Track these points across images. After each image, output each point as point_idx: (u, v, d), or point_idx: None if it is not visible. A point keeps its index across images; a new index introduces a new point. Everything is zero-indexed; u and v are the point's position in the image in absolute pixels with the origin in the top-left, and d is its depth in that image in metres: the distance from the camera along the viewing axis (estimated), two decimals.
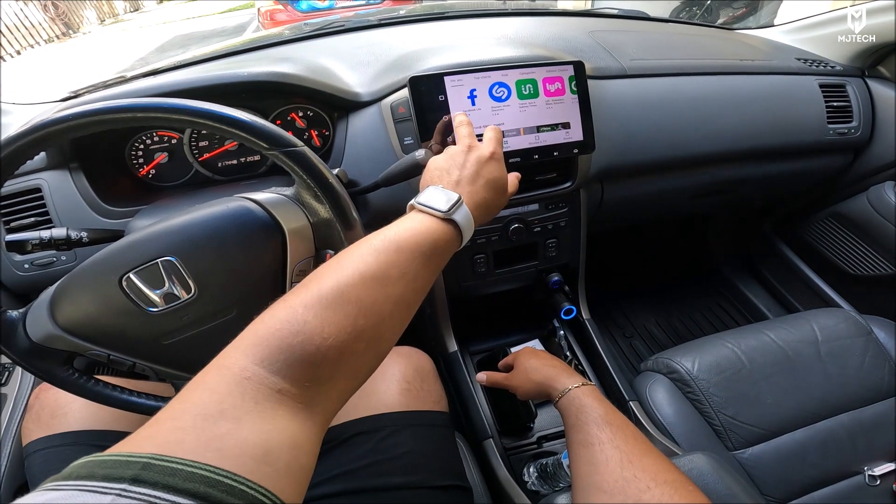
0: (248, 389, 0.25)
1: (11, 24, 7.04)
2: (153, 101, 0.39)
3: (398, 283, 0.34)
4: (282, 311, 0.30)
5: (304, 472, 0.26)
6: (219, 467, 0.21)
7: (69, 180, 0.65)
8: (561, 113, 0.68)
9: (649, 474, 0.39)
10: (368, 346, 0.32)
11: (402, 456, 0.52)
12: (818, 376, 0.72)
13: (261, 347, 0.28)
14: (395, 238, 0.36)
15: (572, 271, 0.88)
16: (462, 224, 0.40)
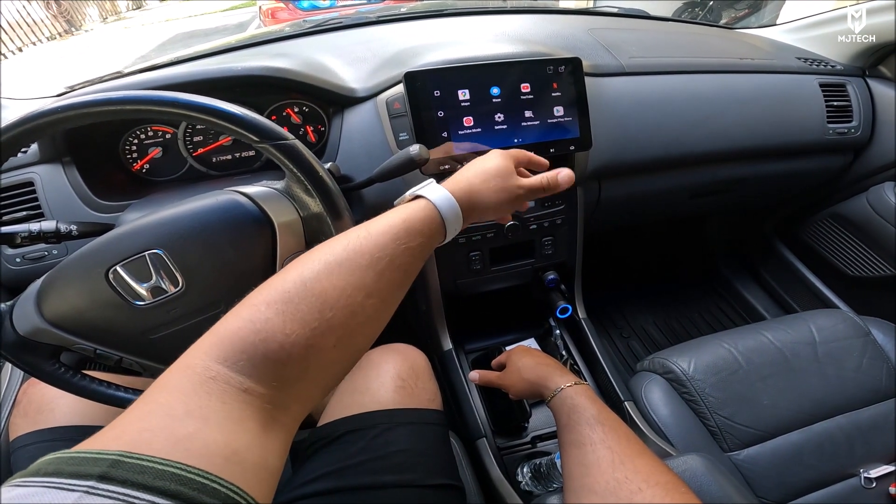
0: (213, 389, 0.25)
1: (13, 21, 7.05)
2: (143, 94, 0.39)
3: (369, 270, 0.32)
4: (244, 309, 0.29)
5: (272, 474, 0.25)
6: (189, 465, 0.20)
7: (62, 174, 0.64)
8: (558, 110, 0.68)
9: (641, 476, 0.39)
10: (340, 342, 0.30)
11: (395, 454, 0.51)
12: (815, 377, 0.71)
13: (223, 347, 0.27)
14: (366, 225, 0.34)
15: (569, 270, 0.87)
16: (439, 203, 0.39)
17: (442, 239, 0.40)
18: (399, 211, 0.37)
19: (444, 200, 0.39)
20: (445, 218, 0.39)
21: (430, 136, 0.64)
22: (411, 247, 0.35)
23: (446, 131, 0.65)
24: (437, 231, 0.39)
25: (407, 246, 0.34)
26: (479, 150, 0.65)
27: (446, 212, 0.39)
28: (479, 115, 0.65)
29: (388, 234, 0.34)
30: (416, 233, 0.36)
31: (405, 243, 0.34)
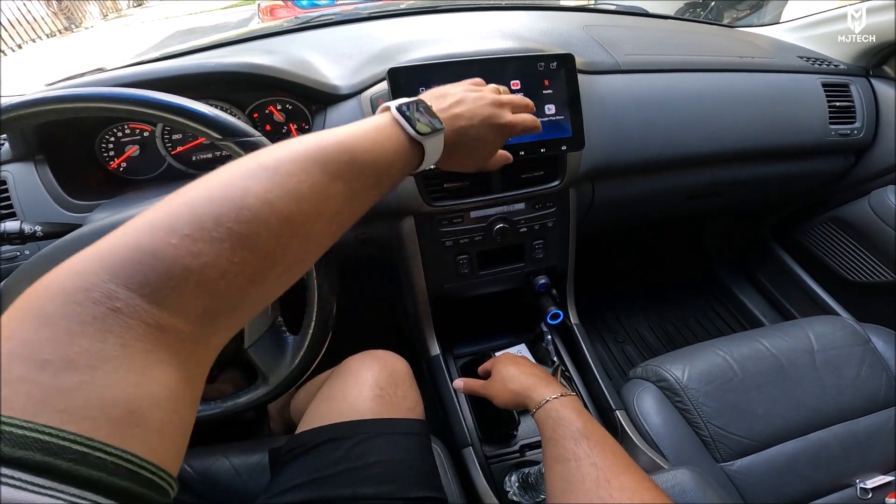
0: (114, 326, 0.19)
1: (14, 18, 7.05)
2: (96, 91, 0.37)
3: (341, 198, 0.28)
4: (184, 216, 0.22)
5: (182, 427, 0.21)
6: (63, 429, 0.16)
7: (34, 173, 0.62)
8: (549, 108, 0.66)
9: (626, 494, 0.37)
10: (287, 270, 0.26)
11: (373, 465, 0.50)
12: (812, 386, 0.69)
13: (142, 267, 0.20)
14: (352, 145, 0.30)
15: (560, 274, 0.85)
16: (429, 150, 0.36)
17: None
18: (394, 141, 0.33)
19: (435, 151, 0.37)
20: (424, 162, 0.37)
21: None
22: (386, 184, 0.33)
23: None
24: (414, 169, 0.37)
25: (383, 183, 0.33)
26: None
27: (429, 159, 0.37)
28: None
29: (373, 168, 0.31)
30: (396, 173, 0.34)
31: (383, 181, 0.32)
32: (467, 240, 0.74)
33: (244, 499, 0.57)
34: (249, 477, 0.59)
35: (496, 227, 0.72)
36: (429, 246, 0.74)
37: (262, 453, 0.60)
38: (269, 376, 0.48)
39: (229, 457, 0.60)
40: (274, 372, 0.48)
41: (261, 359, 0.48)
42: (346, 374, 0.58)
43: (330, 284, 0.44)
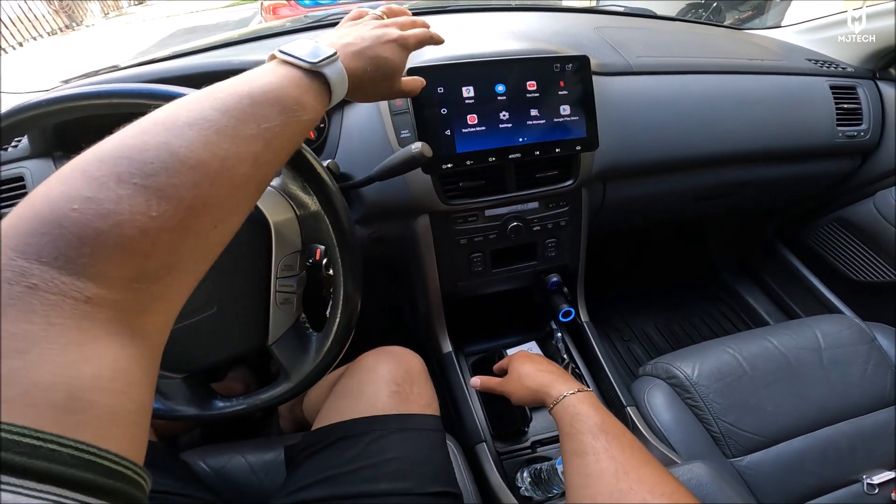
0: (35, 305, 0.17)
1: (14, 16, 7.02)
2: (131, 87, 0.37)
3: (257, 140, 0.26)
4: (78, 182, 0.20)
5: (138, 411, 0.19)
6: (9, 423, 0.15)
7: (52, 169, 0.63)
8: (564, 109, 0.67)
9: (646, 487, 0.38)
10: (221, 221, 0.25)
11: (390, 461, 0.50)
12: (820, 384, 0.70)
13: (48, 238, 0.18)
14: (249, 88, 0.28)
15: (571, 273, 0.86)
16: (332, 78, 0.34)
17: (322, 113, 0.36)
18: (291, 78, 0.31)
19: (340, 82, 0.35)
20: (333, 97, 0.35)
21: (432, 134, 0.63)
22: (304, 120, 0.31)
23: (449, 129, 0.63)
24: (325, 106, 0.35)
25: (299, 119, 0.30)
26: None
27: (337, 92, 0.35)
28: (484, 113, 0.64)
29: (280, 105, 0.29)
30: (309, 108, 0.31)
31: (298, 116, 0.30)
32: (481, 238, 0.75)
33: (260, 496, 0.57)
34: (265, 475, 0.59)
35: (510, 225, 0.73)
36: (443, 244, 0.74)
37: (276, 451, 0.60)
38: (292, 373, 0.48)
39: (244, 454, 0.61)
40: (297, 369, 0.48)
41: (284, 355, 0.48)
42: (362, 371, 0.59)
43: (355, 281, 0.44)
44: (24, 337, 0.17)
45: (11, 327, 0.17)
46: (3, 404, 0.15)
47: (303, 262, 0.48)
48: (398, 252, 0.78)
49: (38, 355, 0.17)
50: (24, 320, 0.17)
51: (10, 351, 0.16)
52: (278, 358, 0.48)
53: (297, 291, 0.48)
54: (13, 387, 0.16)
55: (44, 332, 0.17)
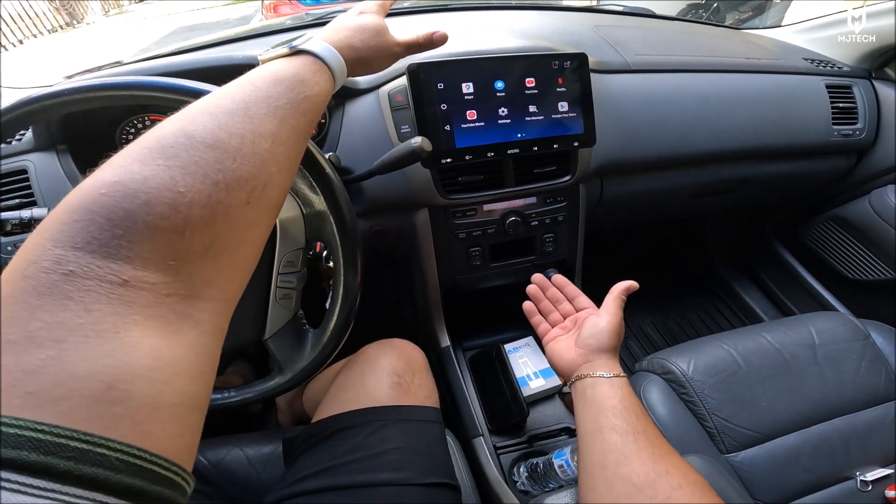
0: (71, 292, 0.17)
1: (15, 13, 7.02)
2: (142, 79, 0.38)
3: (269, 118, 0.27)
4: (105, 172, 0.21)
5: (182, 405, 0.19)
6: (58, 426, 0.15)
7: (56, 162, 0.63)
8: (562, 105, 0.67)
9: (679, 471, 0.37)
10: (253, 197, 0.24)
11: (390, 452, 0.50)
12: (814, 380, 0.71)
13: (80, 224, 0.19)
14: (250, 79, 0.29)
15: (569, 268, 0.87)
16: (328, 59, 0.35)
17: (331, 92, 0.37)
18: (285, 63, 0.32)
19: (330, 55, 0.36)
20: (334, 73, 0.36)
21: (432, 130, 0.64)
22: (310, 95, 0.31)
23: (449, 125, 0.64)
24: (329, 83, 0.35)
25: (305, 94, 0.31)
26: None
27: (335, 66, 0.36)
28: (483, 109, 0.65)
29: (282, 85, 0.30)
30: (311, 83, 0.32)
31: (302, 92, 0.31)
32: (480, 232, 0.75)
33: (258, 489, 0.57)
34: (263, 467, 0.59)
35: (508, 220, 0.74)
36: (442, 238, 0.75)
37: (275, 444, 0.61)
38: (286, 368, 0.49)
39: (243, 448, 0.61)
40: (291, 364, 0.48)
41: (279, 350, 0.49)
42: (364, 362, 0.59)
43: (355, 276, 0.44)
44: (60, 326, 0.16)
45: (47, 316, 0.16)
46: (32, 396, 0.15)
47: (304, 259, 0.48)
48: (398, 245, 0.79)
49: (74, 344, 0.16)
50: (61, 308, 0.17)
51: (46, 340, 0.16)
52: (273, 352, 0.49)
53: (297, 287, 0.49)
54: (44, 378, 0.15)
55: (80, 319, 0.17)
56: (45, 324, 0.16)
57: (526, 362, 0.82)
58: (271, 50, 0.35)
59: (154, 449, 0.16)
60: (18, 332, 0.16)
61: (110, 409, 0.16)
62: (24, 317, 0.16)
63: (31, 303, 0.17)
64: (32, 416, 0.15)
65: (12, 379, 0.15)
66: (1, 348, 0.16)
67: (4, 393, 0.15)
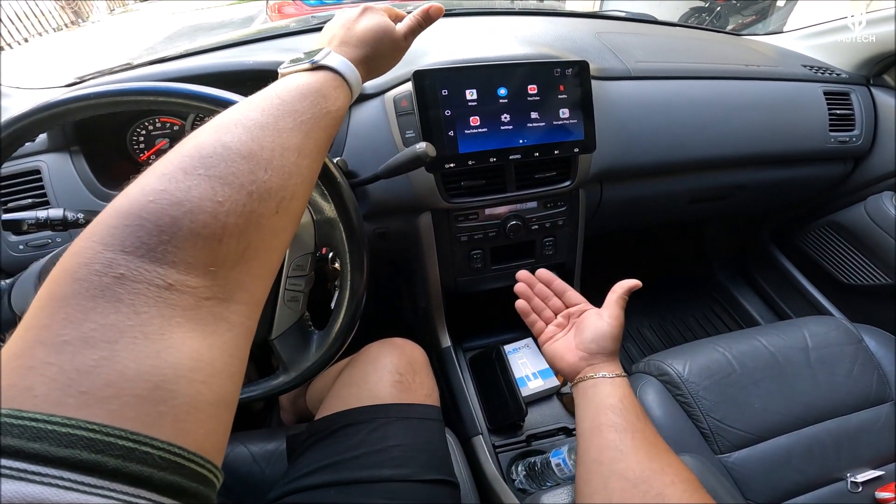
0: (122, 294, 0.18)
1: (21, 11, 7.05)
2: (162, 85, 0.39)
3: (296, 132, 0.29)
4: (151, 180, 0.22)
5: (218, 404, 0.20)
6: (108, 425, 0.15)
7: (69, 163, 0.65)
8: (563, 112, 0.69)
9: (674, 469, 0.39)
10: (281, 206, 0.26)
11: (391, 448, 0.52)
12: (807, 382, 0.72)
13: (130, 229, 0.20)
14: (276, 92, 0.31)
15: (568, 271, 0.88)
16: (339, 67, 0.37)
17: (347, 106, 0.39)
18: (308, 77, 0.34)
19: (348, 69, 0.38)
20: (351, 88, 0.38)
21: (436, 135, 0.65)
22: (331, 110, 0.33)
23: (452, 130, 0.66)
24: (347, 98, 0.37)
25: (327, 110, 0.33)
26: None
27: (352, 80, 0.38)
28: (486, 115, 0.66)
29: (307, 100, 0.31)
30: (332, 98, 0.34)
31: (324, 108, 0.33)
32: (481, 235, 0.77)
33: (262, 485, 0.58)
34: (267, 464, 0.60)
35: (509, 224, 0.75)
36: (444, 240, 0.77)
37: (278, 441, 0.62)
38: (291, 367, 0.50)
39: (247, 444, 0.62)
40: (296, 363, 0.49)
41: (285, 350, 0.50)
42: (366, 361, 0.61)
43: (361, 279, 0.46)
44: (112, 327, 0.17)
45: (100, 318, 0.17)
46: (85, 395, 0.16)
47: (313, 263, 0.50)
48: (401, 247, 0.81)
49: (124, 345, 0.17)
50: (112, 310, 0.18)
51: (100, 341, 0.17)
52: (279, 352, 0.50)
53: (304, 290, 0.50)
54: (97, 377, 0.16)
55: (130, 321, 0.18)
56: (98, 325, 0.17)
57: (525, 363, 0.83)
58: (291, 64, 0.37)
59: (192, 447, 0.17)
60: (73, 333, 0.17)
61: (155, 408, 0.17)
62: (78, 318, 0.17)
63: (84, 305, 0.18)
64: (85, 415, 0.15)
65: (67, 378, 0.16)
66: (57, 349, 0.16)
67: (60, 392, 0.16)
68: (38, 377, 0.16)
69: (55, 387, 0.16)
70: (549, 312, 0.57)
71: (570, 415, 0.79)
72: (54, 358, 0.16)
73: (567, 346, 0.52)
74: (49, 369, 0.16)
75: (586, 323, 0.52)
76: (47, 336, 0.17)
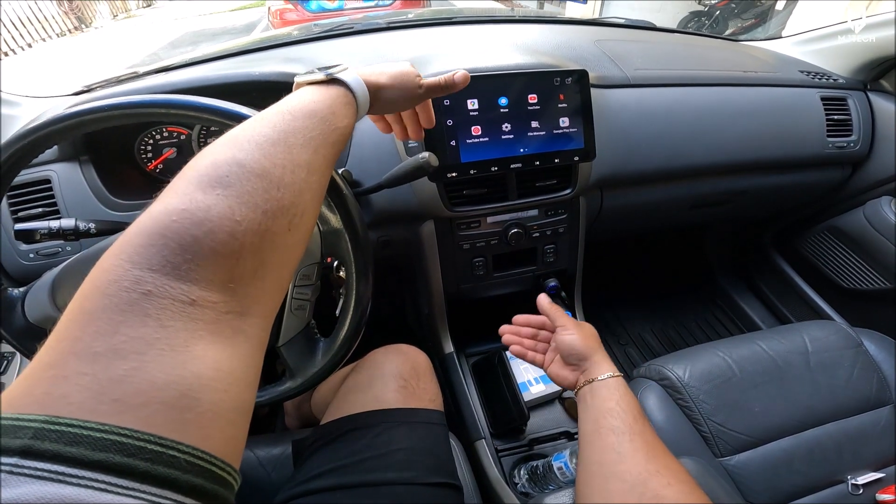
0: (149, 309, 0.19)
1: (24, 17, 7.11)
2: (168, 98, 0.40)
3: (305, 148, 0.30)
4: (172, 199, 0.23)
5: (236, 410, 0.21)
6: (138, 430, 0.17)
7: (79, 172, 0.66)
8: (563, 120, 0.70)
9: (671, 472, 0.40)
10: (293, 223, 0.27)
11: (396, 452, 0.52)
12: (807, 386, 0.73)
13: (155, 248, 0.21)
14: (288, 108, 0.32)
15: (569, 277, 0.89)
16: (357, 91, 0.38)
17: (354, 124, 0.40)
18: (320, 93, 0.35)
19: (360, 88, 0.39)
20: (359, 105, 0.39)
21: (439, 145, 0.66)
22: (339, 127, 0.34)
23: (455, 140, 0.67)
24: (354, 116, 0.38)
25: (335, 126, 0.34)
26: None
27: (361, 100, 0.39)
28: (487, 125, 0.67)
29: (316, 117, 0.32)
30: (341, 115, 0.35)
31: (333, 124, 0.34)
32: (483, 243, 0.78)
33: (268, 489, 0.59)
34: (273, 468, 0.61)
35: (511, 231, 0.76)
36: (447, 248, 0.78)
37: (284, 446, 0.62)
38: (297, 373, 0.50)
39: (253, 449, 0.63)
40: (302, 370, 0.50)
41: (291, 357, 0.51)
42: (371, 367, 0.62)
43: (367, 287, 0.47)
44: (141, 339, 0.19)
45: (130, 331, 0.19)
46: (117, 403, 0.17)
47: (319, 272, 0.51)
48: (404, 255, 0.82)
49: (152, 356, 0.18)
50: (141, 324, 0.19)
51: (129, 353, 0.18)
52: (286, 358, 0.50)
53: (310, 299, 0.51)
54: (129, 386, 0.17)
55: (157, 334, 0.19)
56: (128, 338, 0.18)
57: (527, 368, 0.84)
58: (306, 74, 0.38)
59: (214, 451, 0.18)
60: (104, 345, 0.18)
61: (182, 415, 0.18)
62: (109, 331, 0.18)
63: (114, 319, 0.19)
64: (117, 421, 0.17)
65: (100, 387, 0.17)
66: (90, 359, 0.18)
67: (94, 400, 0.17)
68: (73, 386, 0.17)
69: (89, 395, 0.17)
70: (542, 345, 0.62)
71: (572, 419, 0.79)
72: (88, 368, 0.17)
73: (559, 365, 0.57)
74: (83, 379, 0.17)
75: (557, 342, 0.57)
76: (80, 347, 0.18)
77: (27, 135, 0.40)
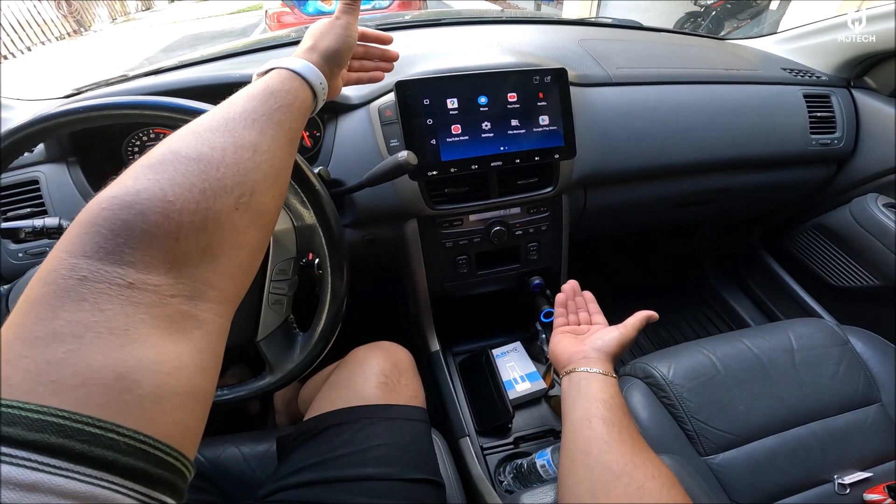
0: (86, 294, 0.20)
1: (24, 20, 7.15)
2: (141, 99, 0.41)
3: (249, 129, 0.30)
4: (106, 191, 0.24)
5: (187, 395, 0.21)
6: (76, 412, 0.17)
7: (66, 173, 0.67)
8: (543, 119, 0.70)
9: (654, 464, 0.41)
10: (240, 202, 0.26)
11: (376, 448, 0.53)
12: (791, 384, 0.72)
13: (88, 236, 0.21)
14: (231, 98, 0.32)
15: (554, 275, 0.89)
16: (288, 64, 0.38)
17: (314, 98, 0.39)
18: (260, 80, 0.36)
19: (298, 63, 0.38)
20: (309, 80, 0.38)
21: (419, 144, 0.67)
22: (283, 105, 0.34)
23: (435, 138, 0.67)
24: (304, 90, 0.38)
25: (279, 105, 0.33)
26: None
27: (307, 73, 0.38)
28: (467, 124, 0.68)
29: (256, 99, 0.32)
30: (281, 93, 0.34)
31: (276, 103, 0.33)
32: (466, 241, 0.78)
33: (252, 485, 0.60)
34: (257, 464, 0.62)
35: (493, 229, 0.77)
36: (430, 246, 0.78)
37: (269, 442, 0.63)
38: (276, 367, 0.51)
39: (239, 446, 0.63)
40: (281, 364, 0.51)
41: (270, 351, 0.51)
42: (354, 364, 0.62)
43: (341, 283, 0.47)
44: (79, 323, 0.19)
45: (68, 315, 0.19)
46: (54, 384, 0.17)
47: (296, 267, 0.51)
48: (389, 253, 0.82)
49: (90, 339, 0.19)
50: (78, 308, 0.19)
51: (67, 336, 0.18)
52: (265, 353, 0.51)
53: (288, 294, 0.52)
54: (66, 368, 0.18)
55: (95, 317, 0.19)
56: (66, 321, 0.19)
57: (513, 366, 0.84)
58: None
59: (158, 435, 0.19)
60: (44, 329, 0.19)
61: (121, 397, 0.18)
62: (49, 316, 0.19)
63: (53, 304, 0.19)
64: (55, 402, 0.17)
65: (39, 369, 0.17)
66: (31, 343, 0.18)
67: (32, 381, 0.17)
68: (14, 369, 0.17)
69: (27, 377, 0.17)
70: (576, 318, 0.63)
71: (558, 417, 0.80)
72: (28, 351, 0.18)
73: (573, 340, 0.57)
74: (22, 361, 0.18)
75: (600, 332, 0.57)
76: (23, 332, 0.19)
77: (4, 137, 0.41)
